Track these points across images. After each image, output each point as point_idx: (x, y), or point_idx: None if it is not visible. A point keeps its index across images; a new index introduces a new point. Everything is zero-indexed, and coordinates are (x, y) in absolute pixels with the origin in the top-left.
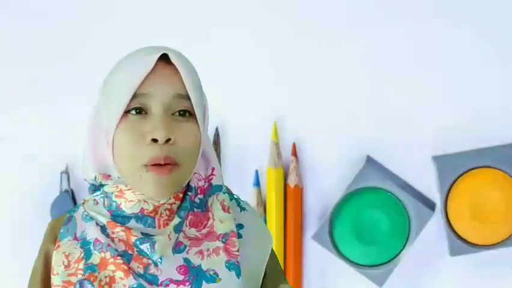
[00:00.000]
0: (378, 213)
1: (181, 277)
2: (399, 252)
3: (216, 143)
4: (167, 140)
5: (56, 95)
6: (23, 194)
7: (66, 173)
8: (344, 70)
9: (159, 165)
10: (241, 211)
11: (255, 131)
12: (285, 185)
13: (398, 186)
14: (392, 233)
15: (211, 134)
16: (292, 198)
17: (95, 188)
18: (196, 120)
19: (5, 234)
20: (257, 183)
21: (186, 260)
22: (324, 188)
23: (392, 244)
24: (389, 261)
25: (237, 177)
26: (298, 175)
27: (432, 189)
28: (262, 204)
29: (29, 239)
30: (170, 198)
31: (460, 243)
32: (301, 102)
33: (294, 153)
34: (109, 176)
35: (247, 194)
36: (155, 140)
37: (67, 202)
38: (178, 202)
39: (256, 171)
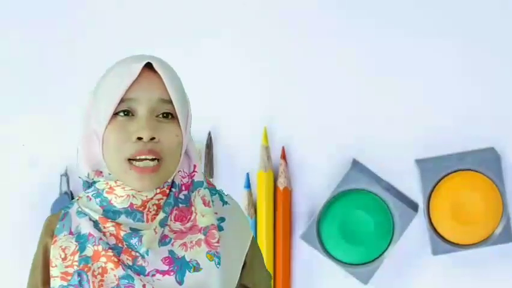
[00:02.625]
0: (363, 214)
1: (166, 267)
2: (384, 251)
3: (209, 146)
4: (152, 139)
5: (56, 98)
6: (24, 196)
7: (66, 175)
8: (331, 76)
9: (143, 165)
10: (223, 205)
11: (246, 135)
12: (275, 187)
13: (382, 188)
14: (377, 232)
15: (204, 138)
16: (282, 199)
17: (89, 185)
18: (178, 122)
19: (6, 236)
20: (248, 186)
21: (171, 251)
22: (312, 190)
23: (377, 243)
24: (374, 259)
25: (228, 179)
26: (288, 178)
27: (415, 191)
28: (253, 205)
29: (29, 240)
30: (157, 194)
31: (442, 243)
32: (290, 108)
33: (283, 156)
34: (101, 172)
35: (238, 196)
36: (140, 138)
37: (67, 203)
38: (164, 198)
39: (247, 174)
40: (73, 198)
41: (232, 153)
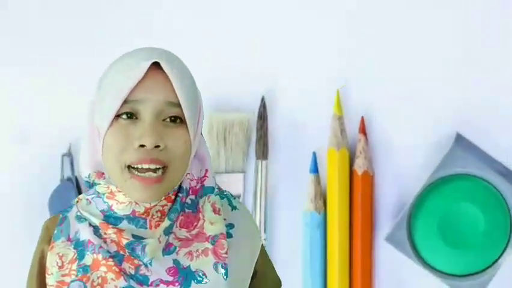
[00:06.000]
0: (470, 208)
1: (170, 278)
2: (499, 258)
3: (262, 117)
4: (157, 147)
5: (56, 54)
6: (14, 185)
7: (69, 155)
8: (427, 24)
9: (144, 176)
10: (232, 210)
11: (312, 101)
12: (351, 172)
13: (496, 172)
14: (489, 232)
15: (255, 106)
16: (360, 188)
17: (90, 185)
18: (187, 126)
19: None
20: (315, 169)
21: (176, 261)
22: (400, 175)
23: (489, 247)
24: (485, 269)
25: (288, 161)
26: (368, 158)
27: None
28: (322, 196)
29: (21, 239)
30: (161, 200)
31: None
32: (372, 65)
33: (363, 130)
34: (103, 174)
35: (302, 183)
36: (143, 146)
37: (70, 193)
38: (169, 204)
39: (314, 154)
40: (78, 184)
41: (294, 125)
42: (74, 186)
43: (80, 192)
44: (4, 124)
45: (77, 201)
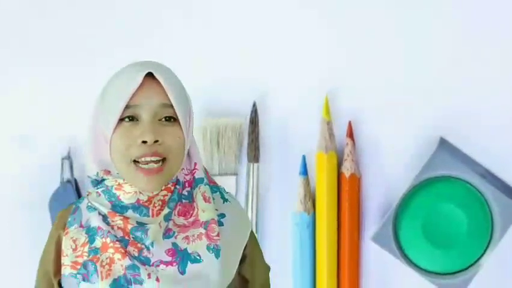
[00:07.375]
0: (453, 208)
1: (169, 258)
2: (480, 257)
3: (253, 121)
4: (156, 141)
5: (55, 60)
6: (15, 186)
7: (68, 158)
8: (413, 32)
9: (148, 167)
10: (224, 202)
11: (302, 107)
12: (339, 174)
13: (478, 175)
14: (471, 233)
15: (247, 111)
16: (348, 189)
17: (98, 182)
18: (180, 124)
19: None
20: (304, 172)
21: (174, 244)
22: (386, 178)
23: (471, 247)
24: (467, 268)
25: (279, 164)
26: (355, 161)
27: None
28: (311, 197)
29: (25, 240)
30: (162, 190)
31: None
32: (359, 72)
33: (350, 134)
34: (109, 172)
35: (292, 185)
36: (144, 142)
37: (69, 194)
38: (169, 194)
39: (303, 157)
40: (77, 186)
41: (284, 129)
42: (73, 188)
43: (79, 194)
44: (5, 127)
45: (88, 194)
